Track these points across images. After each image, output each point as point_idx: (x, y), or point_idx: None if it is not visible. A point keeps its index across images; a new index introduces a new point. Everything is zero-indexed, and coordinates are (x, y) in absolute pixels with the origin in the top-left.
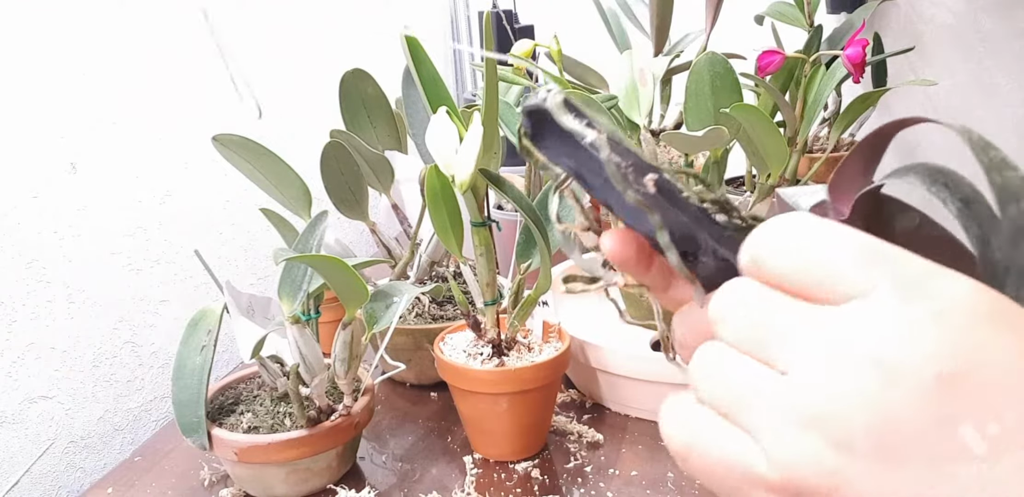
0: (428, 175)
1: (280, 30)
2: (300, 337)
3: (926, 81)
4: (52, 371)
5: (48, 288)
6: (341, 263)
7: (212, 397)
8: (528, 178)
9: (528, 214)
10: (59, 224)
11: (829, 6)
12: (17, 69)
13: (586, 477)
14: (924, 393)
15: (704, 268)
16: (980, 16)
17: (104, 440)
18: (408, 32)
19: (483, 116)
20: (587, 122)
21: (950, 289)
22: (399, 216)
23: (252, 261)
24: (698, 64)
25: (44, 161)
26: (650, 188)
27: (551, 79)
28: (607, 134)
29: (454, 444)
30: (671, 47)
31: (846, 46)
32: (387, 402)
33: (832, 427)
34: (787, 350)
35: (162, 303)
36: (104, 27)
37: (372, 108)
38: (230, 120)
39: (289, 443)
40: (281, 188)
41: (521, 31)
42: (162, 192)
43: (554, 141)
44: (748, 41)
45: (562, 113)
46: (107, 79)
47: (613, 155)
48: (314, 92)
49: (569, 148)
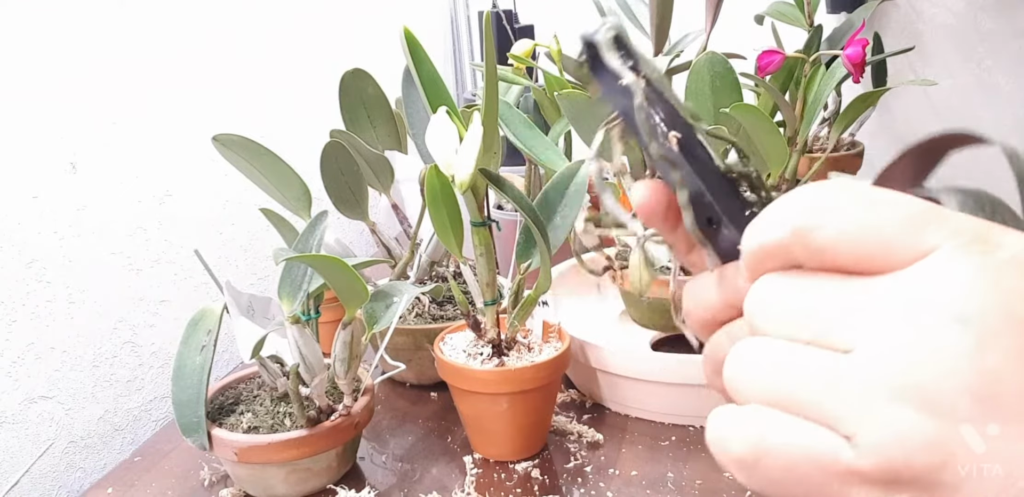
0: (428, 175)
1: (280, 29)
2: (300, 337)
3: (926, 81)
4: (52, 371)
5: (48, 288)
6: (341, 263)
7: (212, 397)
8: (528, 178)
9: (528, 214)
10: (59, 224)
11: (829, 6)
12: (17, 69)
13: (586, 477)
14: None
15: (724, 239)
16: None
17: (104, 440)
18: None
19: (483, 116)
20: (632, 64)
21: (1012, 238)
22: (399, 216)
23: (252, 261)
24: (698, 64)
25: (44, 161)
26: (673, 145)
27: (550, 78)
28: (647, 79)
29: (454, 444)
30: (671, 47)
31: (846, 46)
32: (387, 402)
33: (926, 393)
34: (848, 328)
35: (162, 303)
36: (104, 27)
37: (372, 108)
38: (230, 120)
39: (289, 443)
40: (281, 188)
41: (521, 31)
42: (162, 192)
43: (606, 76)
44: (748, 41)
45: (609, 50)
46: (107, 79)
47: (645, 103)
48: (314, 92)
49: (620, 86)
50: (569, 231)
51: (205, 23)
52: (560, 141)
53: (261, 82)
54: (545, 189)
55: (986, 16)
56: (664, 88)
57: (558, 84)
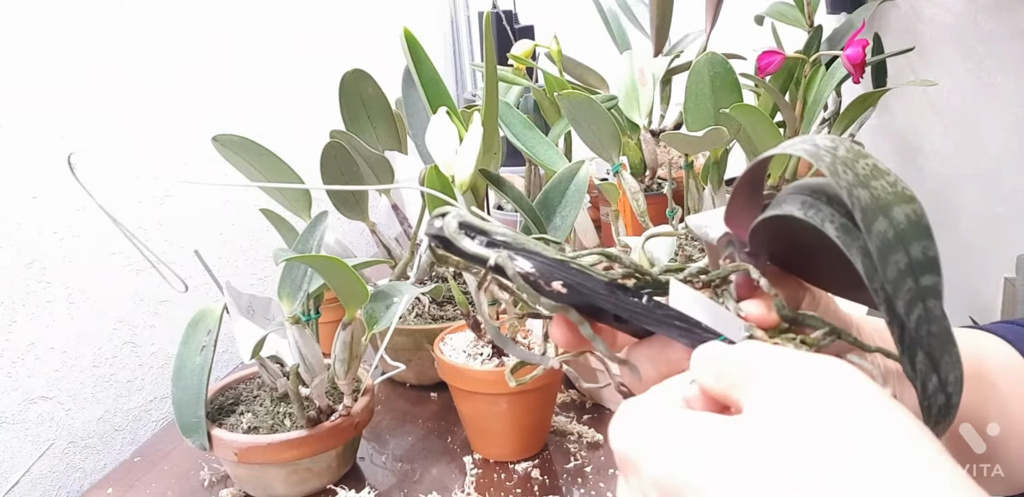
0: (428, 175)
1: (280, 30)
2: (300, 337)
3: (926, 81)
4: (52, 371)
5: (48, 288)
6: (341, 263)
7: (212, 397)
8: (528, 178)
9: (528, 214)
10: (59, 224)
11: (829, 6)
12: (17, 70)
13: (586, 477)
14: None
15: (637, 324)
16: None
17: (104, 440)
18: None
19: (483, 116)
20: (487, 240)
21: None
22: (399, 216)
23: (252, 261)
24: (698, 64)
25: (44, 161)
26: (560, 289)
27: (550, 78)
28: (508, 248)
29: (454, 444)
30: (671, 47)
31: (846, 46)
32: (387, 402)
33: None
34: None
35: (162, 303)
36: (104, 28)
37: (372, 108)
38: (230, 120)
39: (289, 443)
40: (281, 188)
41: (521, 31)
42: (162, 192)
43: (466, 254)
44: (748, 41)
45: (461, 238)
46: (107, 79)
47: (519, 270)
48: (314, 92)
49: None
50: (569, 231)
51: (205, 24)
52: (560, 141)
53: (261, 82)
54: (545, 189)
55: (986, 16)
56: (523, 244)
57: (558, 84)
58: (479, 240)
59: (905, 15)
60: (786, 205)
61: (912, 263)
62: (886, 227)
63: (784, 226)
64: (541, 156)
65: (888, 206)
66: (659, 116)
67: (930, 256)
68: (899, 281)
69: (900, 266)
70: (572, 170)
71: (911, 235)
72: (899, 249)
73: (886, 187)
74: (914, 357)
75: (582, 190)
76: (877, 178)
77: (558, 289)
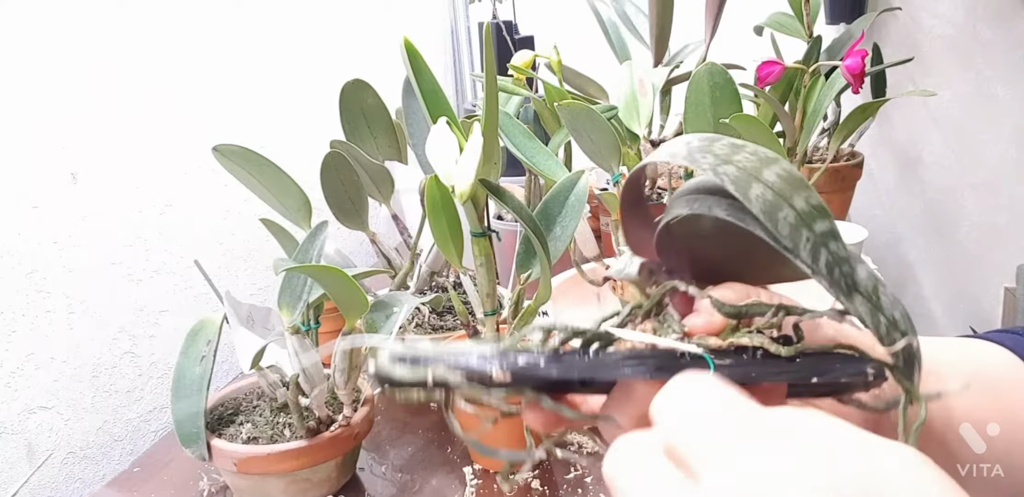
0: (428, 185)
1: (281, 41)
2: (300, 347)
3: (925, 92)
4: (51, 381)
5: (48, 298)
6: (341, 273)
7: (211, 407)
8: (528, 188)
9: (528, 224)
10: (59, 234)
11: (828, 17)
12: (17, 79)
13: (586, 488)
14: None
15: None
16: (979, 27)
17: (103, 451)
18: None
19: (483, 126)
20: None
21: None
22: (399, 226)
23: (252, 271)
24: (698, 74)
25: (44, 171)
26: (506, 379)
27: (550, 89)
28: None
29: (454, 455)
30: (671, 58)
31: (845, 57)
32: (387, 413)
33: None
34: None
35: (162, 313)
36: (105, 37)
37: (372, 118)
38: (230, 130)
39: (288, 454)
40: (281, 198)
41: (521, 42)
42: (162, 202)
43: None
44: (748, 52)
45: (395, 370)
46: (108, 90)
47: (461, 380)
48: (314, 102)
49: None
50: (569, 241)
51: (206, 34)
52: (560, 151)
53: (261, 93)
54: (545, 199)
55: (985, 26)
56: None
57: (558, 95)
58: (413, 365)
59: (904, 26)
60: (674, 209)
61: (800, 214)
62: (762, 190)
63: (689, 235)
64: (541, 166)
65: (757, 171)
66: (659, 126)
67: (814, 204)
68: (795, 234)
69: (790, 220)
70: (572, 180)
71: (788, 190)
72: (783, 206)
73: (748, 157)
74: (853, 303)
75: (582, 200)
76: (737, 152)
77: (501, 378)
